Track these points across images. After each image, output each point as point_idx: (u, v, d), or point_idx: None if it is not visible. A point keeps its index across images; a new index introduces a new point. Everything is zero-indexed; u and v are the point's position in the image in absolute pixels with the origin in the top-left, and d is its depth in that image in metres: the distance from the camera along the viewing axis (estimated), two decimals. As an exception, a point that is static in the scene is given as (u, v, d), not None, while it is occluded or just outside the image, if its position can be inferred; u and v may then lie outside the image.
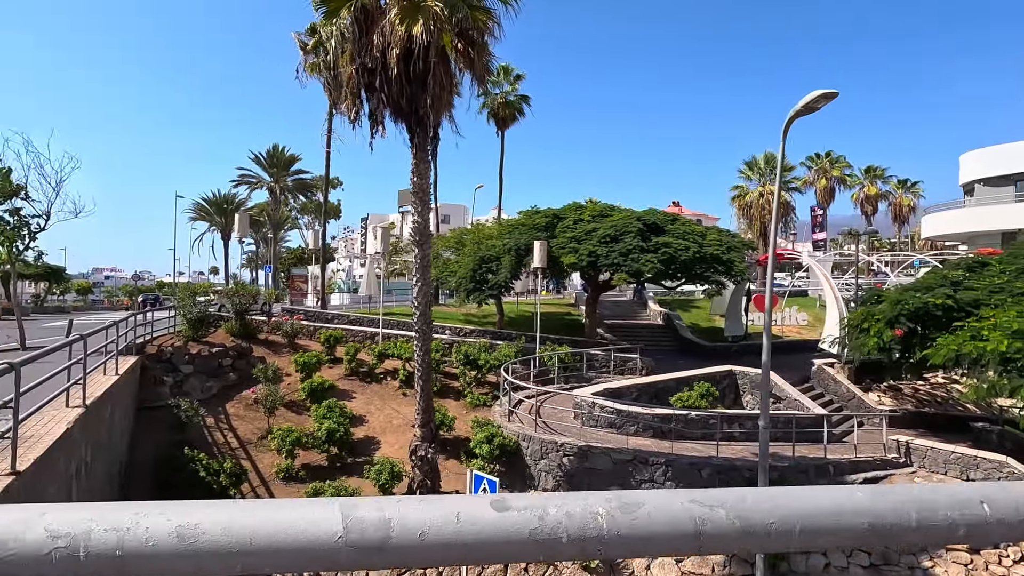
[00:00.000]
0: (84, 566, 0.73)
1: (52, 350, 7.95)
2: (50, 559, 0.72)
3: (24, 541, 0.72)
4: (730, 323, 28.12)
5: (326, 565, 0.78)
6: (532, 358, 19.13)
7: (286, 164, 49.34)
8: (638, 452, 13.41)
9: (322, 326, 22.39)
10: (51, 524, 0.74)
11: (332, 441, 13.98)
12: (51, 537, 0.73)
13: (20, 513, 0.75)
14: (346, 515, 0.79)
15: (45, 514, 0.75)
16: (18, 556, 0.72)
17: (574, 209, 22.93)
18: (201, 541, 0.75)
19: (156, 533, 0.75)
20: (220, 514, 0.77)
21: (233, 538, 0.76)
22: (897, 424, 18.17)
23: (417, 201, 12.36)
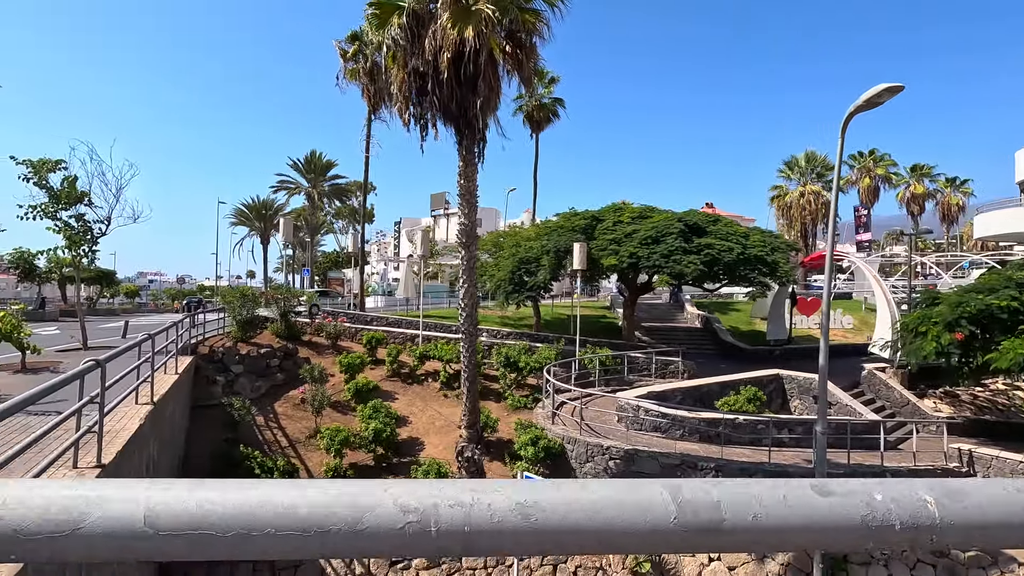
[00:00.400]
0: (435, 542, 0.73)
1: (126, 349, 8.26)
2: (404, 533, 0.72)
3: (378, 515, 0.73)
4: (773, 326, 27.46)
5: (659, 547, 0.77)
6: (572, 361, 19.03)
7: (323, 170, 50.40)
8: (686, 456, 13.18)
9: (363, 328, 22.74)
10: (400, 498, 0.74)
11: (379, 441, 14.15)
12: (403, 512, 0.73)
13: (368, 487, 0.76)
14: (675, 496, 0.77)
15: (388, 489, 0.76)
16: (373, 529, 0.72)
17: (613, 211, 22.74)
18: (542, 518, 0.74)
19: (499, 509, 0.74)
20: (554, 493, 0.77)
21: (569, 518, 0.75)
22: (955, 432, 17.40)
23: (464, 204, 12.44)
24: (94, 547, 0.70)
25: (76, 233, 15.24)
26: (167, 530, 0.70)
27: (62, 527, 0.69)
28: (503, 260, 22.73)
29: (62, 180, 14.75)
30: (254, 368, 17.06)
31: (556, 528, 0.75)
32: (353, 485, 0.76)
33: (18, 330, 12.04)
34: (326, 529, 0.72)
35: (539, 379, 19.69)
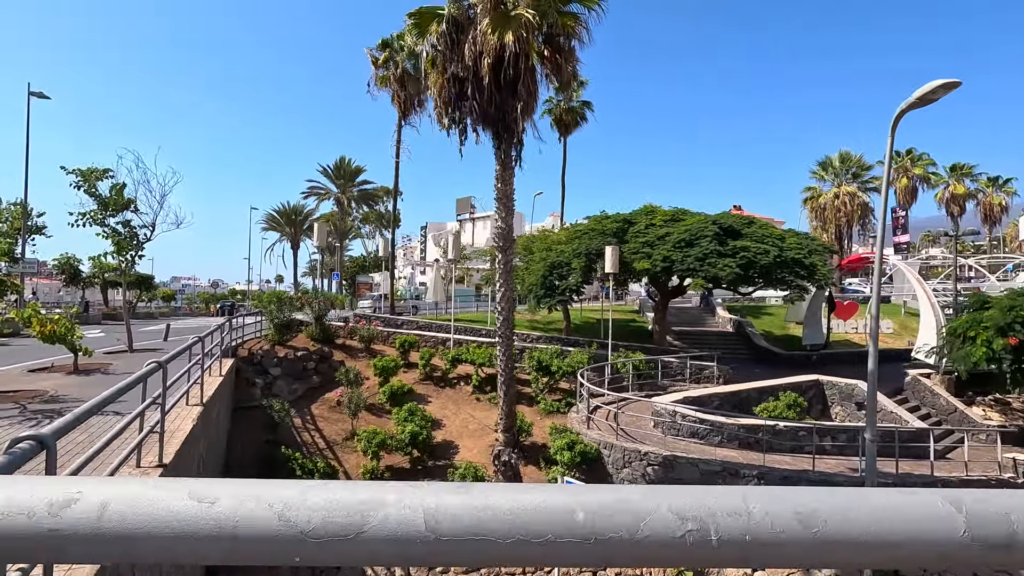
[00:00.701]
0: (715, 552, 0.70)
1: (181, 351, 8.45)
2: (684, 543, 0.69)
3: (654, 523, 0.70)
4: (809, 331, 26.82)
5: (948, 562, 0.73)
6: (605, 365, 18.86)
7: (352, 175, 51.18)
8: (727, 463, 12.92)
9: (395, 331, 22.94)
10: (674, 505, 0.71)
11: (415, 444, 14.23)
12: (680, 520, 0.70)
13: (645, 493, 0.73)
14: (958, 507, 0.73)
15: (659, 494, 0.73)
16: (653, 538, 0.69)
17: (645, 213, 22.53)
18: (823, 529, 0.71)
19: (778, 519, 0.71)
20: (831, 501, 0.73)
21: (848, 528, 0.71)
22: (1008, 441, 16.68)
23: (501, 207, 12.46)
24: (377, 552, 0.69)
25: (123, 239, 15.72)
26: (448, 535, 0.68)
27: (347, 530, 0.68)
28: (534, 264, 22.70)
29: (110, 188, 15.25)
30: (291, 371, 17.35)
31: (837, 539, 0.71)
32: (633, 491, 0.74)
33: (71, 332, 12.45)
34: (605, 537, 0.69)
35: (571, 383, 19.58)
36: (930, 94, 9.23)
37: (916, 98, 9.43)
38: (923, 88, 9.32)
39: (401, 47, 28.08)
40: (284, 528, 0.68)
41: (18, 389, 10.55)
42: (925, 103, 9.41)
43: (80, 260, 33.66)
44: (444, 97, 11.02)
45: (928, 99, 9.31)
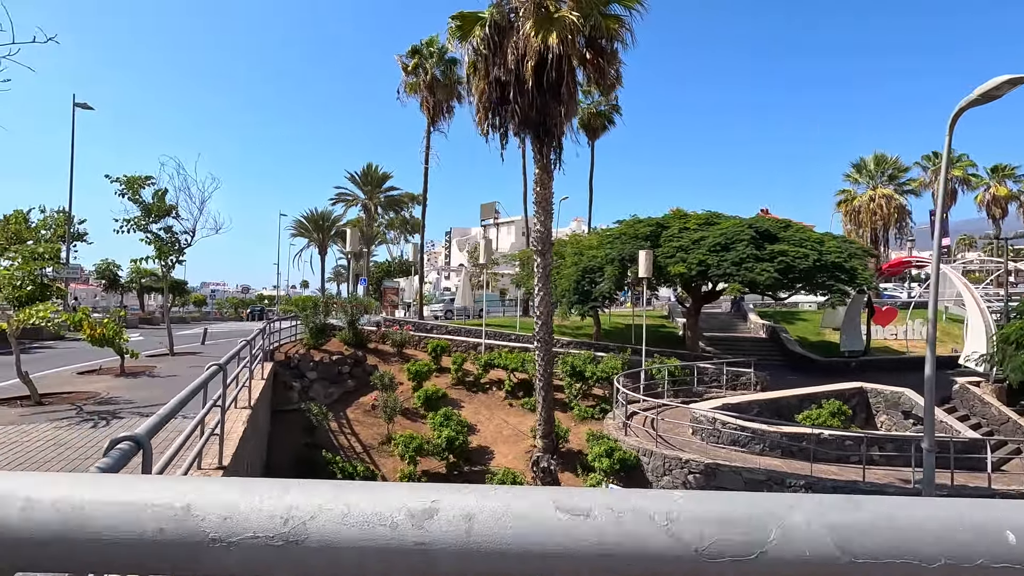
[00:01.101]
0: None
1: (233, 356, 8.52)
2: None
3: None
4: (847, 337, 26.09)
5: None
6: (639, 371, 18.59)
7: (379, 182, 51.73)
8: (772, 472, 12.58)
9: (426, 336, 23.01)
10: None
11: (451, 449, 14.18)
12: None
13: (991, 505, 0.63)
14: None
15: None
16: None
17: (678, 217, 22.25)
18: None
19: None
20: None
21: None
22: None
23: (540, 211, 12.38)
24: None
25: (165, 244, 16.06)
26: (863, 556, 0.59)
27: (745, 548, 0.59)
28: (565, 269, 22.55)
29: (153, 194, 15.61)
30: (327, 375, 17.49)
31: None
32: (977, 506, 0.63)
33: (119, 335, 12.72)
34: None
35: (605, 389, 19.36)
36: (994, 90, 8.88)
37: (979, 94, 9.09)
38: (986, 84, 8.97)
39: (430, 54, 28.33)
40: (673, 545, 0.59)
41: (72, 391, 10.80)
42: (988, 99, 9.06)
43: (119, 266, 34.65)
44: (485, 101, 11.01)
45: (992, 95, 8.97)
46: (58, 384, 11.60)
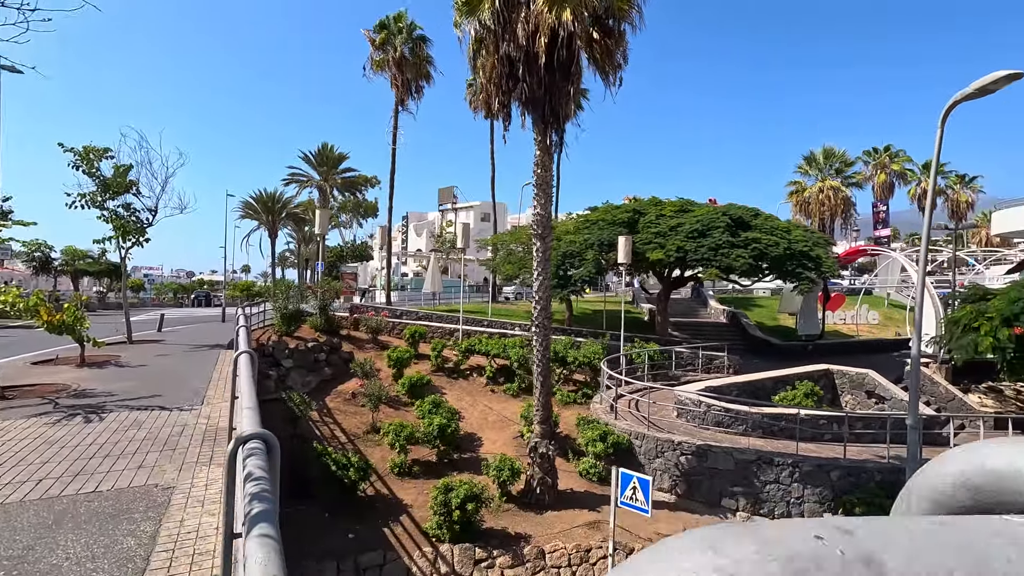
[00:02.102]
0: None
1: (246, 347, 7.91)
2: None
3: None
4: (804, 322, 27.39)
5: None
6: (619, 356, 18.81)
7: (335, 162, 49.82)
8: (761, 452, 13.00)
9: (399, 322, 22.42)
10: None
11: (442, 437, 13.86)
12: None
13: None
14: None
15: None
16: None
17: (654, 204, 22.53)
18: None
19: None
20: None
21: None
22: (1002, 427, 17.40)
23: (541, 194, 12.14)
24: None
25: (125, 222, 14.79)
26: None
27: None
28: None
29: (114, 168, 14.29)
30: (303, 362, 16.72)
31: None
32: None
33: (80, 322, 11.63)
34: None
35: (585, 374, 19.50)
36: (991, 84, 9.31)
37: (975, 88, 9.50)
38: (983, 79, 9.39)
39: (399, 30, 27.30)
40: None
41: (36, 383, 9.77)
42: (984, 93, 9.49)
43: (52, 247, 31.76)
44: (495, 79, 10.61)
45: (988, 89, 9.40)
46: (15, 376, 10.47)
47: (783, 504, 12.76)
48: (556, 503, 12.79)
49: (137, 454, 6.00)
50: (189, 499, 4.80)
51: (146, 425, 7.17)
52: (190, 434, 6.83)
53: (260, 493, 1.94)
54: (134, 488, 5.01)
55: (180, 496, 4.87)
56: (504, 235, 29.73)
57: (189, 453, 6.08)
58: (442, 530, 10.92)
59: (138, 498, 4.78)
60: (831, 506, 12.59)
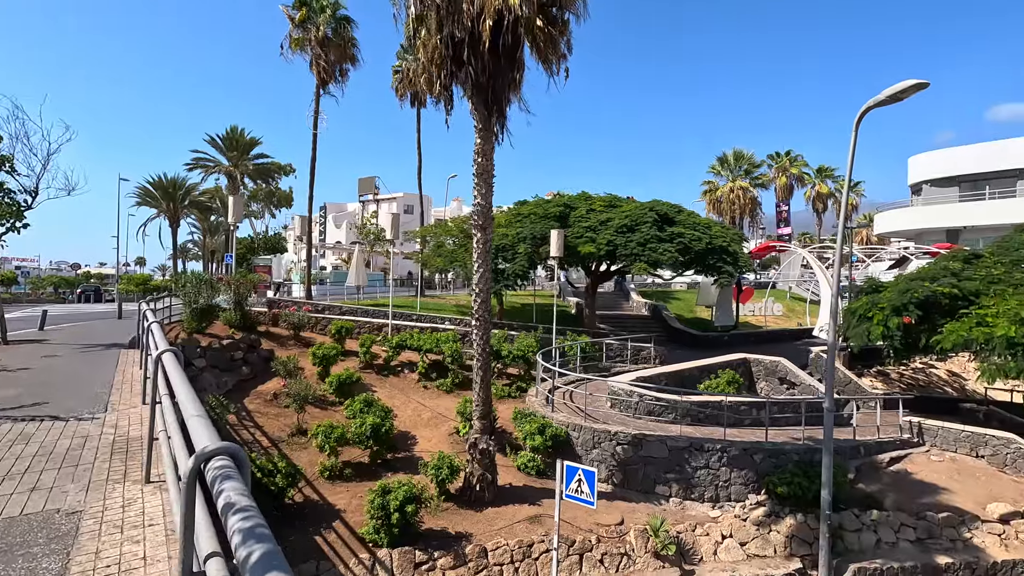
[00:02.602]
0: None
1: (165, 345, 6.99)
2: None
3: None
4: (721, 313, 28.99)
5: None
6: (552, 349, 18.88)
7: (246, 148, 46.52)
8: (692, 439, 13.51)
9: (327, 317, 21.24)
10: None
11: (376, 437, 13.19)
12: None
13: None
14: None
15: None
16: None
17: (584, 199, 22.83)
18: None
19: None
20: None
21: None
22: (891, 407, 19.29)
23: (482, 183, 11.81)
24: None
25: None
26: None
27: None
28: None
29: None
30: (218, 362, 15.34)
31: None
32: None
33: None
34: None
35: (519, 368, 19.42)
36: (900, 93, 10.09)
37: (886, 96, 10.26)
38: (893, 88, 10.16)
39: (321, 8, 25.78)
40: None
41: None
42: (894, 100, 10.27)
43: None
44: (437, 60, 10.09)
45: (898, 97, 10.18)
46: None
47: (712, 488, 13.34)
48: (496, 499, 12.58)
49: (28, 474, 5.07)
50: (103, 525, 4.07)
51: (36, 438, 6.12)
52: (94, 447, 5.91)
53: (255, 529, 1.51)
54: (29, 516, 4.19)
55: (91, 522, 4.12)
56: (433, 227, 29.05)
57: (96, 470, 5.22)
58: (379, 534, 10.37)
59: (35, 528, 3.98)
60: (755, 487, 13.33)
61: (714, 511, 13.04)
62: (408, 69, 30.51)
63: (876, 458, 15.14)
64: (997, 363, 15.46)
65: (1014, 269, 17.07)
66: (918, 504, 13.35)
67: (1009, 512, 12.94)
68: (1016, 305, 15.47)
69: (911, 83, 9.81)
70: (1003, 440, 15.25)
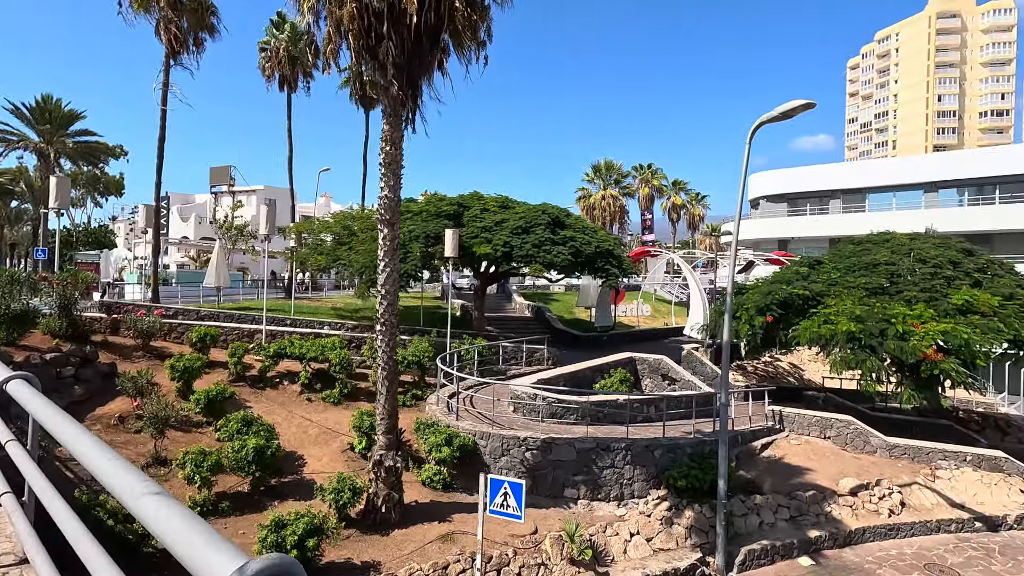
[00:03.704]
0: None
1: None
2: None
3: None
4: (600, 315, 30.26)
5: None
6: (451, 353, 18.10)
7: (64, 122, 38.84)
8: (599, 440, 13.63)
9: (183, 323, 18.25)
10: None
11: (260, 462, 11.42)
12: None
13: None
14: None
15: None
16: None
17: (477, 199, 22.34)
18: None
19: None
20: None
21: None
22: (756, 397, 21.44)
23: (389, 174, 10.75)
24: None
25: None
26: None
27: None
28: (360, 245, 20.48)
29: None
30: (41, 380, 12.24)
31: None
32: None
33: None
34: None
35: (414, 374, 18.31)
36: (790, 111, 11.00)
37: (778, 113, 11.14)
38: (783, 106, 11.05)
39: (175, -37, 22.28)
40: None
41: None
42: (784, 118, 11.18)
43: None
44: (356, 30, 8.84)
45: (788, 115, 11.09)
46: None
47: (617, 487, 13.57)
48: (403, 520, 11.55)
49: None
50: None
51: None
52: None
53: None
54: None
55: None
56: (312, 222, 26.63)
57: None
58: (274, 578, 8.85)
59: None
60: (655, 483, 13.82)
61: (620, 509, 13.27)
62: (278, 47, 27.66)
63: (751, 445, 16.59)
64: (841, 356, 17.72)
65: (847, 274, 19.84)
66: (789, 485, 14.83)
67: (856, 485, 14.87)
68: (851, 305, 17.91)
69: (800, 103, 10.73)
70: (844, 422, 17.59)
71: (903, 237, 21.30)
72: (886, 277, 19.01)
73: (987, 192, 38.13)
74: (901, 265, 19.28)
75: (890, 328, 16.32)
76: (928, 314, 16.82)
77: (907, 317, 16.46)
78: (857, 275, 19.53)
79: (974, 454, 16.16)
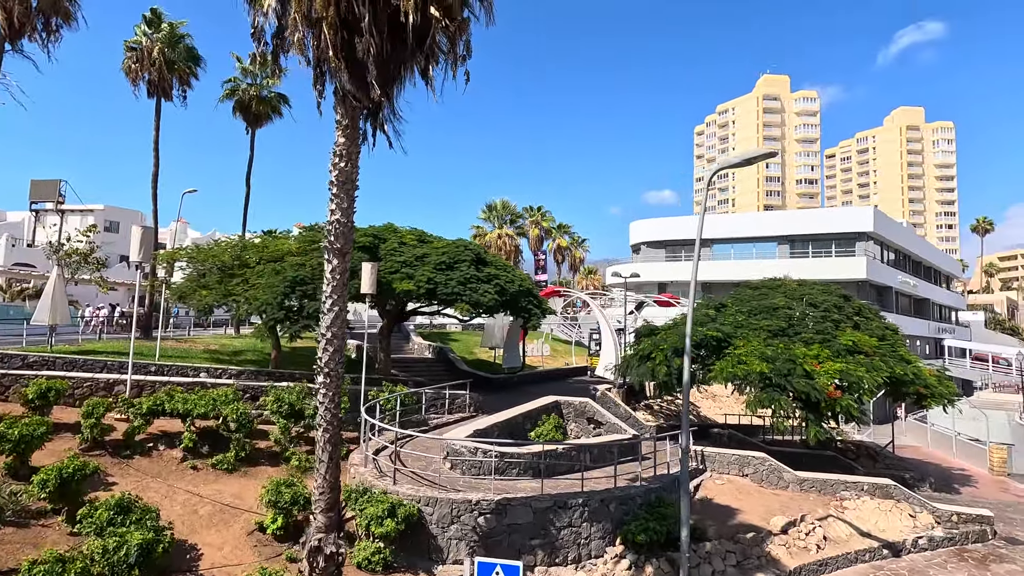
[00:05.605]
0: None
1: None
2: None
3: None
4: (509, 356, 29.39)
5: None
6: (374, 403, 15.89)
7: None
8: (556, 496, 12.46)
9: (10, 373, 13.94)
10: None
11: (146, 564, 8.54)
12: None
13: None
14: None
15: None
16: None
17: (392, 231, 20.59)
18: None
19: None
20: None
21: None
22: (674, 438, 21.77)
23: (342, 195, 9.01)
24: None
25: None
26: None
27: None
28: (263, 278, 17.57)
29: None
30: None
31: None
32: None
33: None
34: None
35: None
36: (752, 158, 11.26)
37: (741, 160, 11.36)
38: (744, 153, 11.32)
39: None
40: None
41: None
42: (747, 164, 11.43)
43: None
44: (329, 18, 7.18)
45: (750, 161, 11.33)
46: None
47: (575, 548, 12.43)
48: (342, 619, 9.30)
49: None
50: None
51: None
52: None
53: None
54: None
55: None
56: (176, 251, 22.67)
57: None
58: None
59: None
60: (611, 539, 12.91)
61: (579, 573, 12.13)
62: (149, 48, 23.87)
63: (686, 489, 16.46)
64: (756, 395, 18.53)
65: (751, 316, 21.22)
66: (728, 528, 14.82)
67: (786, 523, 15.30)
68: (759, 345, 19.00)
69: (763, 151, 11.06)
70: (759, 459, 18.31)
71: (793, 283, 23.49)
72: (784, 320, 20.56)
73: (798, 247, 44.50)
74: (796, 308, 21.08)
75: (796, 368, 17.40)
76: (824, 354, 18.28)
77: (808, 357, 17.73)
78: (759, 318, 20.91)
79: (869, 483, 17.57)
